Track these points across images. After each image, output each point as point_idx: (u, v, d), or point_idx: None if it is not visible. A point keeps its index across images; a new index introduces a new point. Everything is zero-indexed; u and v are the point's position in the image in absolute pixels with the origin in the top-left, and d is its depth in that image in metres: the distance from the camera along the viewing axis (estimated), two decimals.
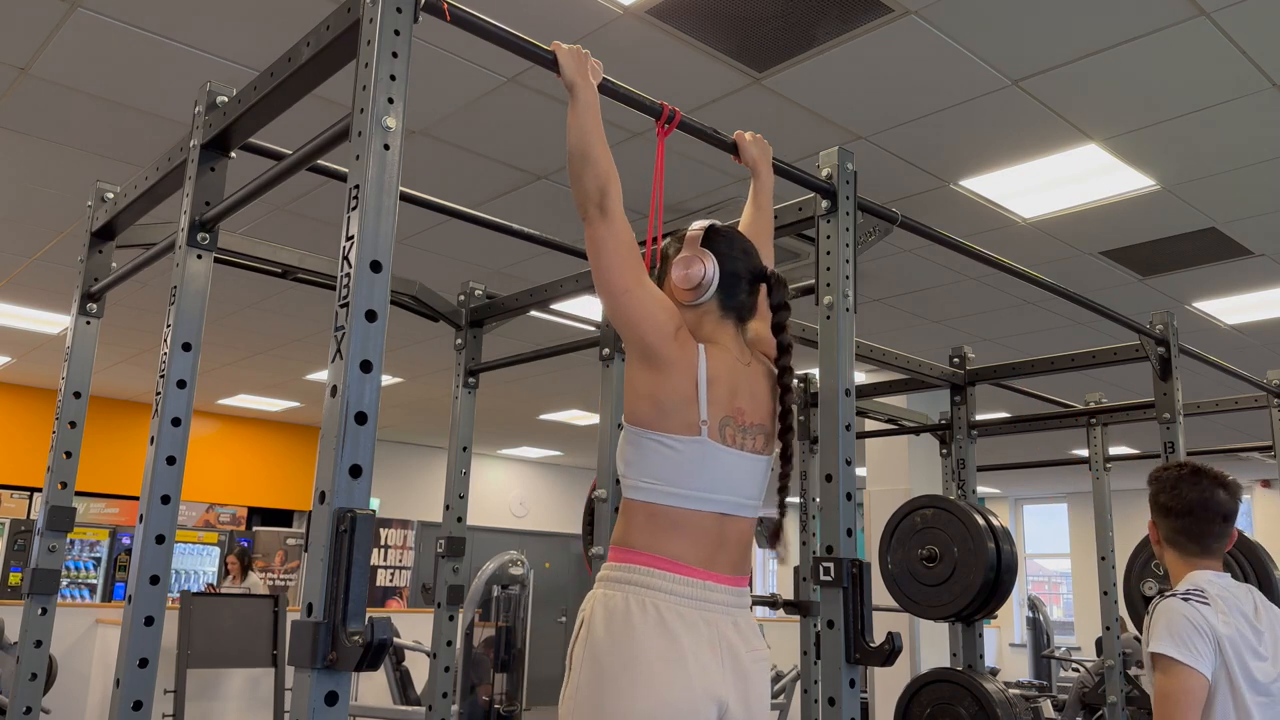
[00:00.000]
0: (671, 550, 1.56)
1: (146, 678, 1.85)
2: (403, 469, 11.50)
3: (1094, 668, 6.12)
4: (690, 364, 1.61)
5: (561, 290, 3.05)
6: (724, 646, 1.55)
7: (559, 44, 1.72)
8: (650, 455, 1.59)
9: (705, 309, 1.71)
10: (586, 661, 1.52)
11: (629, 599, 1.52)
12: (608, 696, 1.47)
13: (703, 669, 1.50)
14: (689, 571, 1.56)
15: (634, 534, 1.59)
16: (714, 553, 1.60)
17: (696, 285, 1.69)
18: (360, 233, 1.36)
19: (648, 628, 1.49)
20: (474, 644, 4.76)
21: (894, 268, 5.18)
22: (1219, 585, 2.07)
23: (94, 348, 2.68)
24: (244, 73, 3.25)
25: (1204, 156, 3.90)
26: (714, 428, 1.61)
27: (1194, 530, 2.14)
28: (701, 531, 1.59)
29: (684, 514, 1.58)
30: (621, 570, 1.57)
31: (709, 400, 1.60)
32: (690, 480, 1.59)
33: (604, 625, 1.52)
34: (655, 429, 1.59)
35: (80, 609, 7.03)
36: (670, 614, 1.51)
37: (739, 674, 1.55)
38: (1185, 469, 2.19)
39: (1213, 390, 4.93)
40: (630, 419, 1.63)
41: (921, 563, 3.26)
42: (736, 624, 1.59)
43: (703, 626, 1.53)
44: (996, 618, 9.13)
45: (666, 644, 1.49)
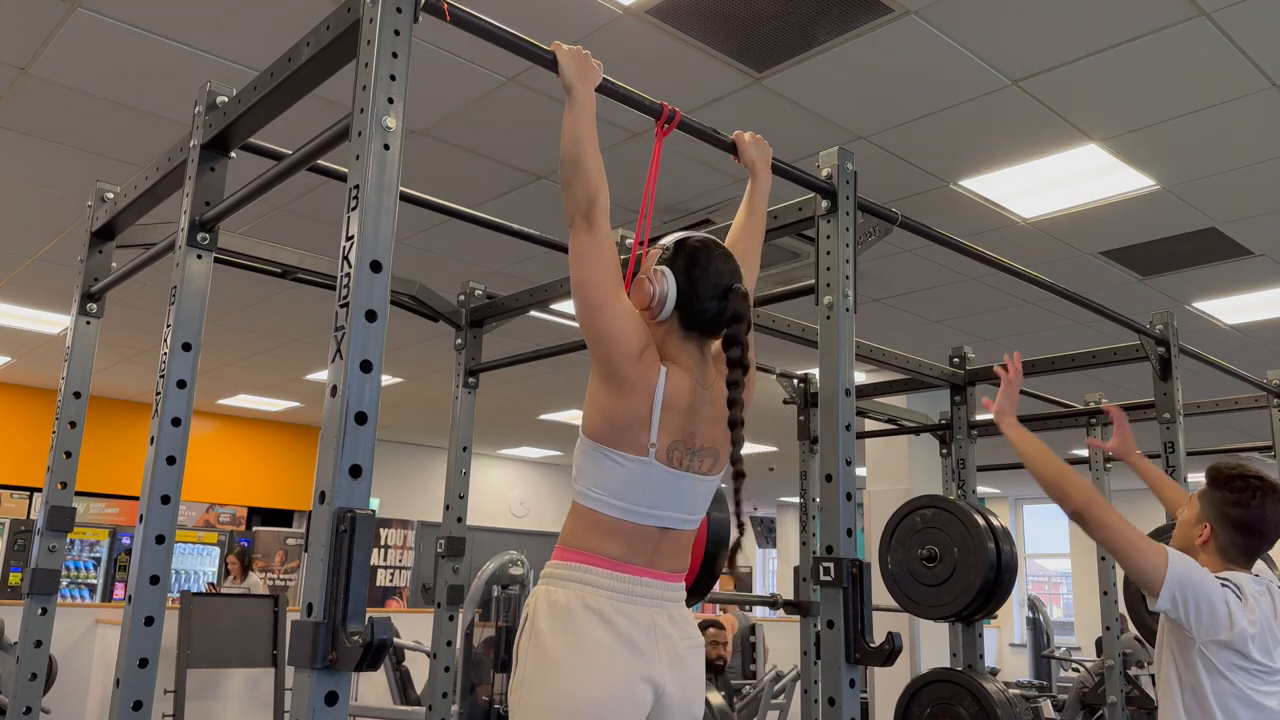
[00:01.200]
0: (611, 551, 1.64)
1: (146, 678, 1.85)
2: (403, 469, 11.50)
3: (1094, 668, 6.12)
4: (649, 387, 1.63)
5: (561, 290, 3.05)
6: (659, 635, 1.63)
7: (559, 44, 1.72)
8: (600, 468, 1.65)
9: (668, 328, 1.71)
10: (531, 652, 1.60)
11: (569, 594, 1.61)
12: (551, 683, 1.56)
13: (639, 655, 1.59)
14: (627, 569, 1.64)
15: (577, 535, 1.66)
16: (652, 556, 1.67)
17: (648, 307, 1.69)
18: (360, 233, 1.36)
19: (588, 620, 1.58)
20: (474, 644, 4.76)
21: (894, 268, 5.18)
22: (1252, 587, 2.05)
23: (94, 348, 2.68)
24: (244, 73, 3.25)
25: (1204, 156, 3.90)
26: (662, 451, 1.65)
27: (1257, 549, 2.12)
28: (641, 539, 1.66)
29: (625, 524, 1.65)
30: (564, 568, 1.65)
31: (660, 425, 1.64)
32: (634, 496, 1.65)
33: (547, 618, 1.60)
34: (606, 445, 1.65)
35: (80, 609, 7.03)
36: (608, 607, 1.60)
37: (674, 660, 1.64)
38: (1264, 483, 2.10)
39: (1213, 390, 4.93)
40: (586, 431, 1.68)
41: (921, 563, 3.26)
42: (671, 616, 1.67)
43: (640, 617, 1.62)
44: (996, 618, 9.11)
45: (605, 634, 1.58)
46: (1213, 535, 2.12)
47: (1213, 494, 2.14)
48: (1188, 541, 2.17)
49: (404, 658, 6.18)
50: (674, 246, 1.74)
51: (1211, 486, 2.15)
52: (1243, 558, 2.12)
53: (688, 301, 1.69)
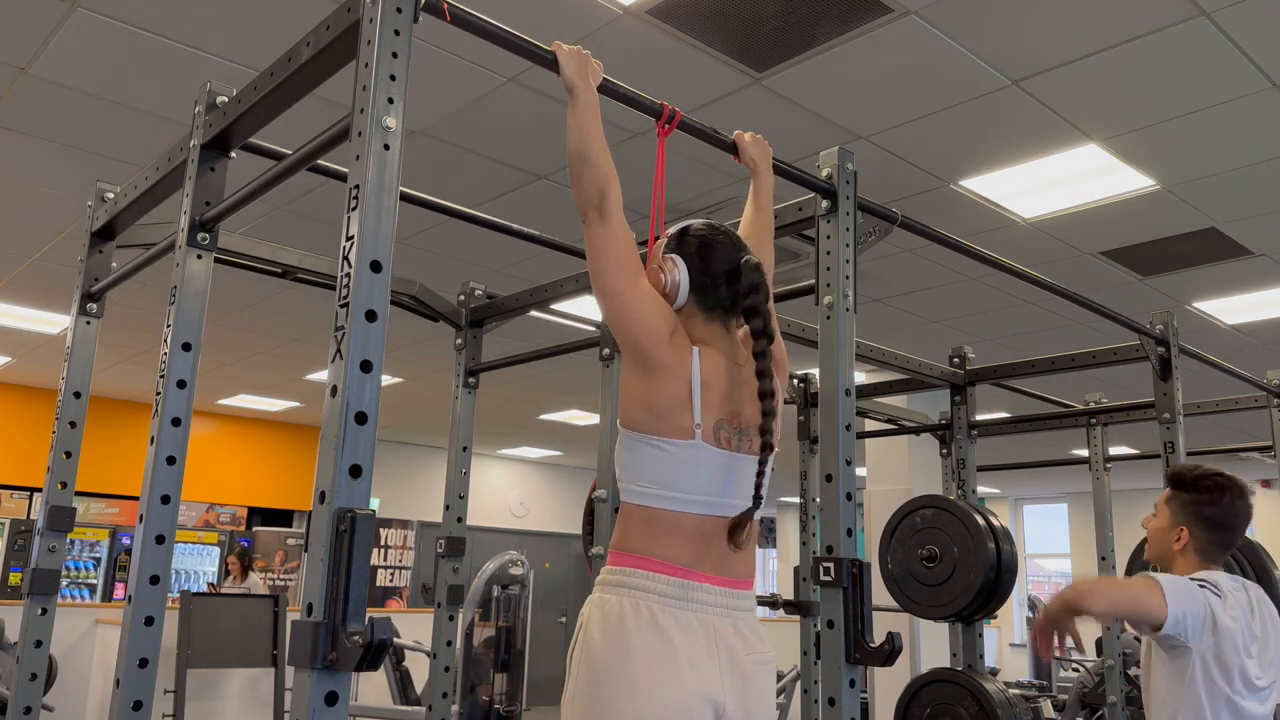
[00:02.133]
0: (667, 554, 1.56)
1: (146, 678, 1.85)
2: (403, 469, 11.50)
3: (1094, 668, 6.12)
4: (684, 367, 1.60)
5: (561, 290, 3.05)
6: (722, 648, 1.54)
7: (559, 44, 1.72)
8: (644, 459, 1.60)
9: (688, 312, 1.70)
10: (583, 665, 1.54)
11: (624, 602, 1.53)
12: (602, 698, 1.49)
13: (697, 671, 1.50)
14: (685, 574, 1.56)
15: (631, 538, 1.59)
16: (712, 555, 1.60)
17: (663, 293, 1.69)
18: (360, 233, 1.36)
19: (641, 630, 1.50)
20: (474, 644, 4.76)
21: (894, 268, 5.18)
22: (1229, 585, 2.08)
23: (94, 348, 2.68)
24: (244, 73, 3.25)
25: (1204, 156, 3.90)
26: (708, 431, 1.60)
27: (1231, 544, 2.15)
28: (699, 535, 1.59)
29: (680, 517, 1.58)
30: (618, 574, 1.58)
31: (703, 404, 1.60)
32: (685, 483, 1.59)
33: (599, 628, 1.54)
34: (648, 432, 1.59)
35: (80, 609, 7.03)
36: (664, 617, 1.52)
37: (737, 675, 1.54)
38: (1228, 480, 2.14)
39: (1213, 390, 4.93)
40: (624, 422, 1.63)
41: (921, 563, 3.25)
42: (736, 626, 1.58)
43: (698, 629, 1.53)
44: (996, 618, 9.12)
45: (660, 646, 1.49)
46: (1190, 537, 2.14)
47: (1183, 497, 2.16)
48: (1165, 549, 2.18)
49: (404, 658, 6.19)
50: (678, 234, 1.75)
51: (1180, 490, 2.17)
52: (1220, 554, 2.15)
53: (701, 283, 1.69)
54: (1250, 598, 2.12)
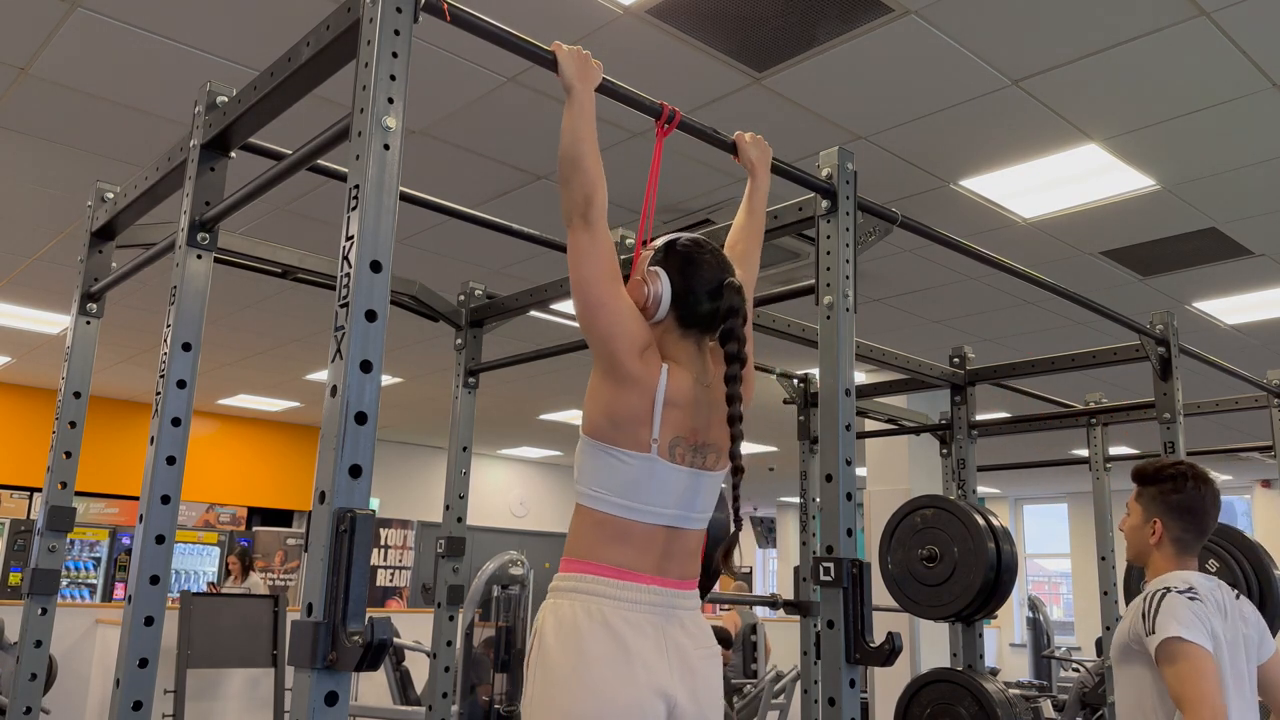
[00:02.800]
0: (618, 559, 1.61)
1: (146, 678, 1.85)
2: (403, 469, 11.50)
3: (1094, 668, 6.11)
4: (651, 383, 1.63)
5: (561, 290, 3.05)
6: (671, 645, 1.60)
7: (559, 44, 1.72)
8: (602, 467, 1.63)
9: (665, 327, 1.71)
10: (539, 669, 1.58)
11: (576, 607, 1.58)
12: (559, 699, 1.53)
13: (649, 668, 1.55)
14: (635, 578, 1.60)
15: (581, 544, 1.63)
16: (660, 560, 1.64)
17: (644, 307, 1.69)
18: (360, 233, 1.36)
19: (594, 633, 1.55)
20: (474, 644, 4.76)
21: (894, 268, 5.18)
22: (1205, 585, 2.10)
23: (94, 348, 2.68)
24: (244, 73, 3.25)
25: (1204, 156, 3.90)
26: (664, 447, 1.63)
27: (1202, 529, 2.16)
28: (648, 541, 1.63)
29: (631, 525, 1.62)
30: (570, 580, 1.62)
31: (663, 421, 1.63)
32: (639, 494, 1.62)
33: (554, 634, 1.58)
34: (608, 442, 1.63)
35: (80, 609, 7.03)
36: (616, 619, 1.56)
37: (687, 670, 1.60)
38: (1189, 467, 2.18)
39: (1213, 390, 4.93)
40: (586, 429, 1.67)
41: (921, 563, 3.25)
42: (684, 625, 1.64)
43: (648, 629, 1.58)
44: (996, 618, 9.07)
45: (612, 647, 1.54)
46: (1164, 528, 2.16)
47: (1149, 490, 2.19)
48: (1141, 545, 2.20)
49: (404, 658, 6.18)
50: (665, 247, 1.75)
51: (1144, 484, 2.21)
52: (1195, 544, 2.16)
53: (683, 299, 1.70)
54: (1224, 598, 2.13)
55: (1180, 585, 2.06)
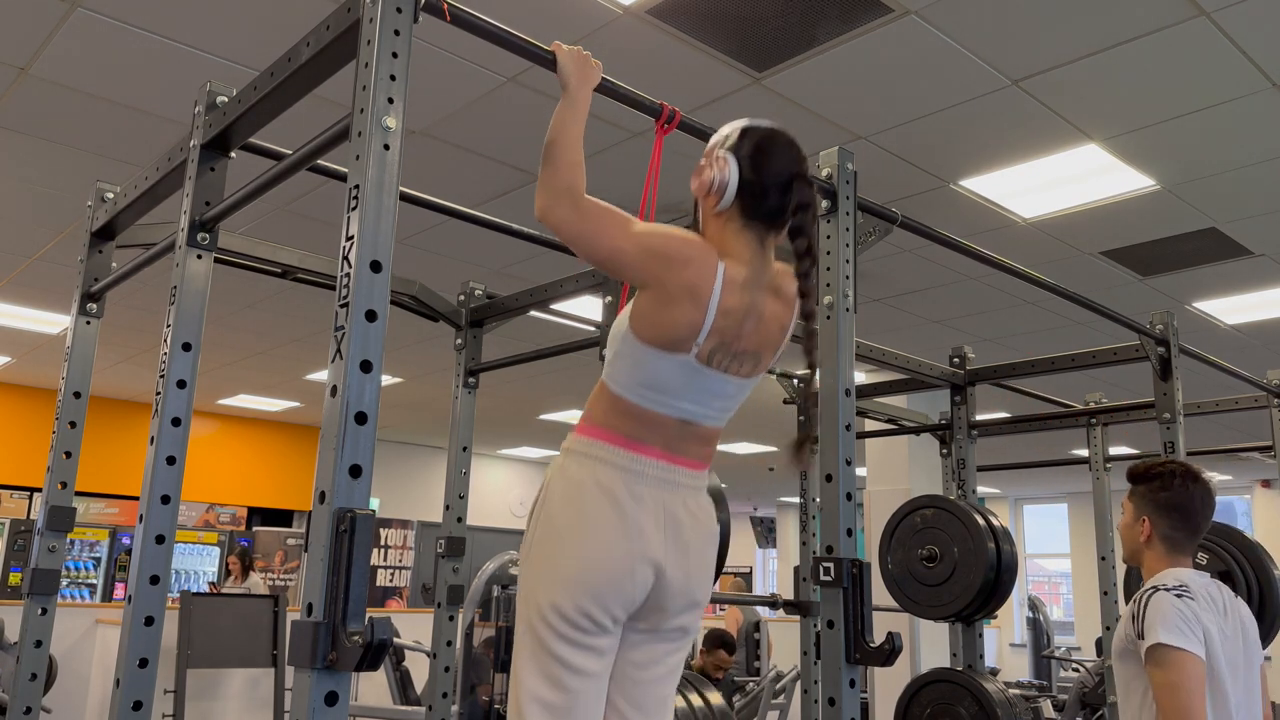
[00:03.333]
0: (630, 432, 1.63)
1: (146, 678, 1.85)
2: (403, 469, 11.50)
3: (1094, 668, 6.12)
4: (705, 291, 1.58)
5: (561, 290, 3.05)
6: (668, 519, 1.62)
7: (559, 44, 1.72)
8: (636, 360, 1.63)
9: (727, 217, 1.66)
10: (542, 519, 1.63)
11: (584, 471, 1.62)
12: (553, 552, 1.60)
13: (643, 536, 1.59)
14: (645, 451, 1.63)
15: (599, 413, 1.66)
16: (675, 443, 1.66)
17: (707, 194, 1.67)
18: (360, 233, 1.36)
19: (597, 498, 1.59)
20: (474, 644, 4.76)
21: (894, 268, 5.18)
22: (1199, 583, 2.10)
23: (94, 348, 2.68)
24: (244, 73, 3.25)
25: (1204, 156, 3.90)
26: (704, 352, 1.62)
27: (1193, 527, 2.17)
28: (665, 426, 1.65)
29: (650, 412, 1.64)
30: (584, 444, 1.65)
31: (710, 329, 1.60)
32: (668, 390, 1.63)
33: (560, 490, 1.63)
34: (646, 341, 1.61)
35: (80, 609, 7.02)
36: (620, 488, 1.60)
37: (680, 545, 1.63)
38: (1180, 466, 2.19)
39: (1213, 390, 4.93)
40: (633, 325, 1.62)
41: (921, 563, 3.26)
42: (685, 503, 1.66)
43: (649, 501, 1.61)
44: (996, 618, 9.05)
45: (612, 513, 1.58)
46: (1153, 527, 2.16)
47: (1140, 489, 2.20)
48: (1134, 544, 2.21)
49: (404, 658, 6.18)
50: (739, 133, 1.68)
51: (1136, 483, 2.21)
52: (1187, 543, 2.16)
53: (750, 189, 1.65)
54: (1222, 596, 2.14)
55: (1171, 583, 2.06)
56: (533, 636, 1.59)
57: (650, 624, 1.65)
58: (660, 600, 1.63)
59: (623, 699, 1.66)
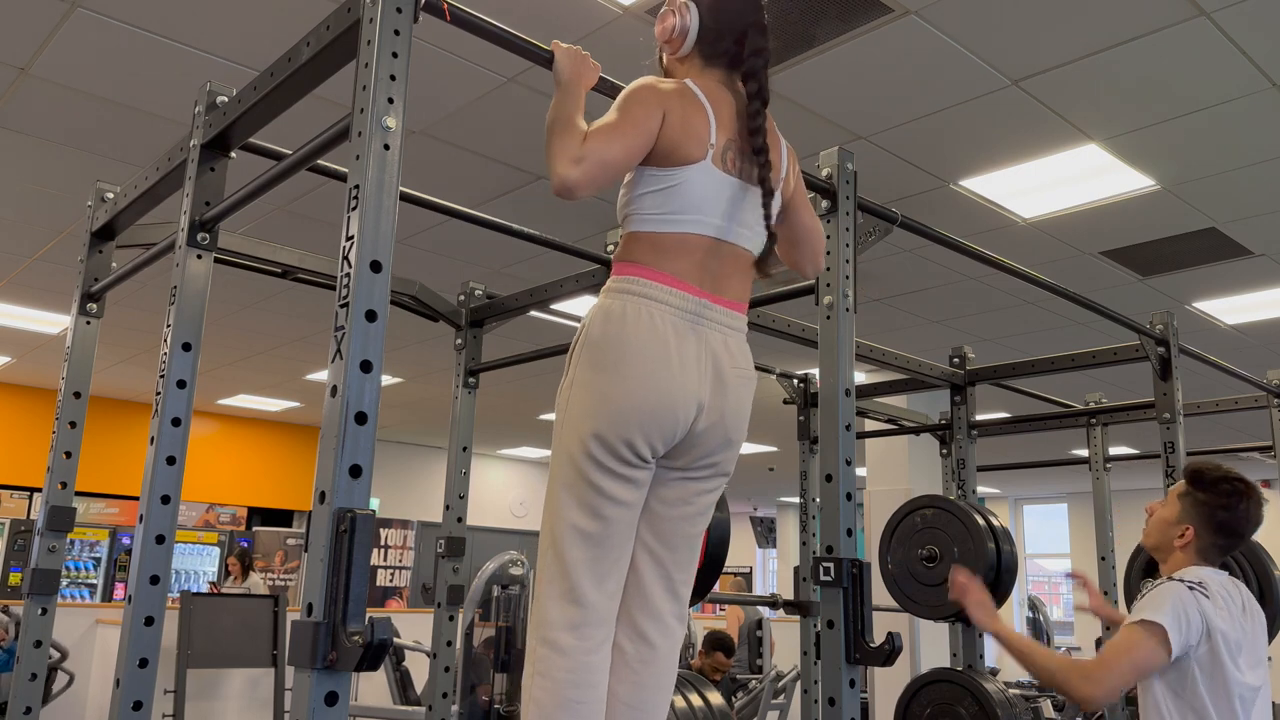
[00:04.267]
0: (670, 267, 1.63)
1: (146, 678, 1.85)
2: (403, 469, 11.50)
3: None
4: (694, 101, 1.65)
5: (561, 290, 3.05)
6: (709, 357, 1.64)
7: (558, 43, 1.72)
8: (652, 188, 1.64)
9: (688, 62, 1.74)
10: (583, 354, 1.63)
11: (625, 305, 1.62)
12: (598, 385, 1.60)
13: (685, 369, 1.60)
14: (685, 287, 1.63)
15: (635, 252, 1.66)
16: (713, 277, 1.67)
17: (669, 39, 1.73)
18: (360, 233, 1.36)
19: (640, 329, 1.59)
20: (474, 644, 4.76)
21: (894, 268, 5.18)
22: (1218, 582, 2.07)
23: (94, 348, 2.68)
24: (244, 73, 3.25)
25: (1204, 156, 3.90)
26: (718, 153, 1.65)
27: (1234, 548, 2.14)
28: (702, 253, 1.65)
29: (684, 237, 1.64)
30: (622, 282, 1.65)
31: (717, 125, 1.65)
32: (691, 207, 1.64)
33: (601, 326, 1.62)
34: (658, 165, 1.63)
35: (80, 609, 7.02)
36: (662, 321, 1.60)
37: (719, 383, 1.65)
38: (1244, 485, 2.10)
39: (1213, 390, 4.93)
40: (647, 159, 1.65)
41: (921, 563, 3.25)
42: (727, 343, 1.67)
43: (691, 337, 1.62)
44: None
45: (656, 345, 1.59)
46: (1195, 537, 2.10)
47: (1198, 496, 2.11)
48: (1165, 540, 2.15)
49: (404, 658, 6.18)
50: None
51: (1196, 489, 2.12)
52: (1218, 556, 2.13)
53: (708, 35, 1.73)
54: (1241, 597, 2.11)
55: (1191, 579, 2.04)
56: (572, 467, 1.60)
57: (685, 460, 1.67)
58: (697, 436, 1.64)
59: (652, 535, 1.68)
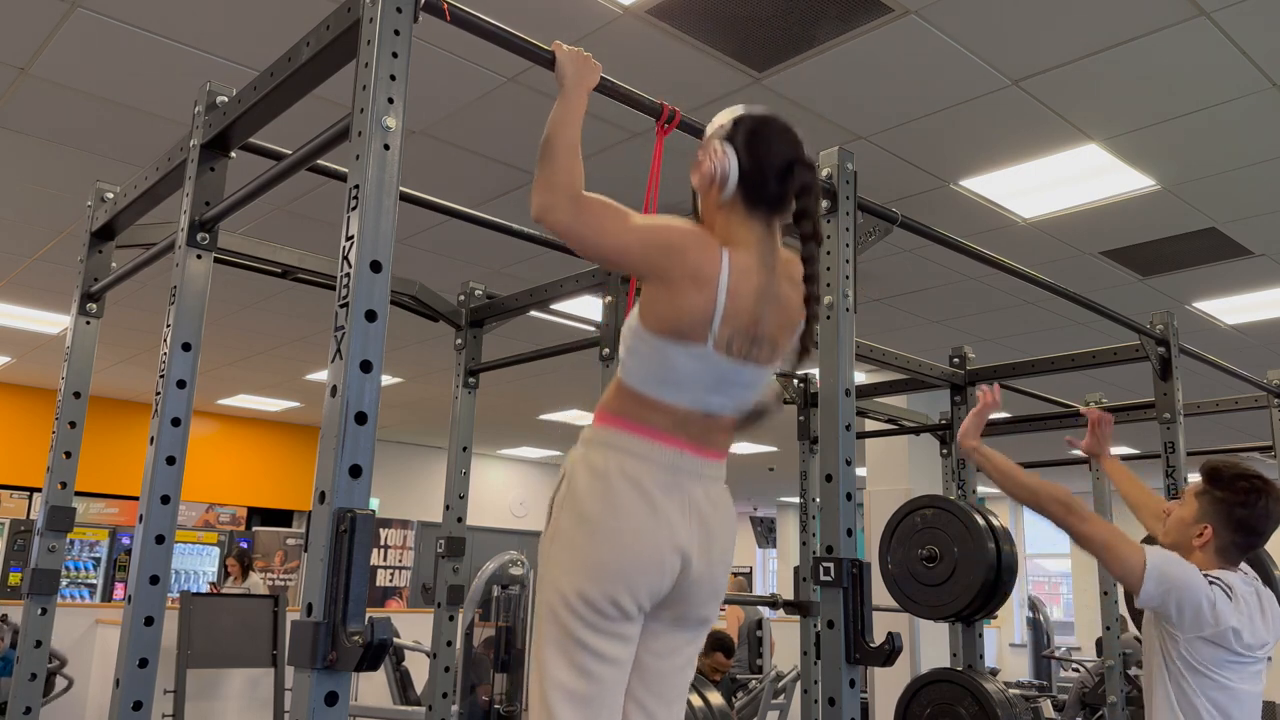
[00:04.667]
0: (652, 422, 1.62)
1: (146, 678, 1.85)
2: (403, 469, 11.50)
3: (1094, 668, 6.13)
4: (711, 277, 1.58)
5: (561, 290, 3.05)
6: (692, 509, 1.63)
7: (559, 44, 1.72)
8: (652, 355, 1.62)
9: (730, 207, 1.65)
10: (567, 508, 1.62)
11: (609, 460, 1.61)
12: (581, 541, 1.58)
13: (671, 526, 1.59)
14: (668, 442, 1.62)
15: (618, 404, 1.65)
16: (698, 434, 1.65)
17: (710, 182, 1.65)
18: (360, 233, 1.36)
19: (625, 487, 1.58)
20: (474, 644, 4.76)
21: (894, 268, 5.18)
22: (1242, 586, 2.05)
23: (94, 348, 2.68)
24: (244, 73, 3.25)
25: (1204, 156, 3.90)
26: (722, 341, 1.60)
27: (1254, 547, 2.11)
28: (685, 417, 1.64)
29: (673, 406, 1.63)
30: (605, 433, 1.64)
31: (724, 315, 1.59)
32: (684, 382, 1.62)
33: (586, 480, 1.61)
34: (661, 336, 1.60)
35: (80, 609, 7.03)
36: (646, 478, 1.59)
37: (705, 533, 1.64)
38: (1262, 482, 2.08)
39: (1213, 390, 4.93)
40: (644, 321, 1.62)
41: (921, 563, 3.25)
42: (707, 492, 1.66)
43: (674, 491, 1.61)
44: (996, 618, 9.04)
45: (641, 502, 1.58)
46: (1214, 536, 2.08)
47: (1215, 494, 2.09)
48: (1183, 539, 2.12)
49: (404, 658, 6.18)
50: (733, 122, 1.68)
51: (1214, 486, 2.10)
52: (1238, 556, 2.11)
53: (751, 177, 1.64)
54: (1260, 599, 2.08)
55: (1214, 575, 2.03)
56: (558, 626, 1.58)
57: (674, 613, 1.65)
58: (685, 589, 1.63)
59: (644, 689, 1.66)
